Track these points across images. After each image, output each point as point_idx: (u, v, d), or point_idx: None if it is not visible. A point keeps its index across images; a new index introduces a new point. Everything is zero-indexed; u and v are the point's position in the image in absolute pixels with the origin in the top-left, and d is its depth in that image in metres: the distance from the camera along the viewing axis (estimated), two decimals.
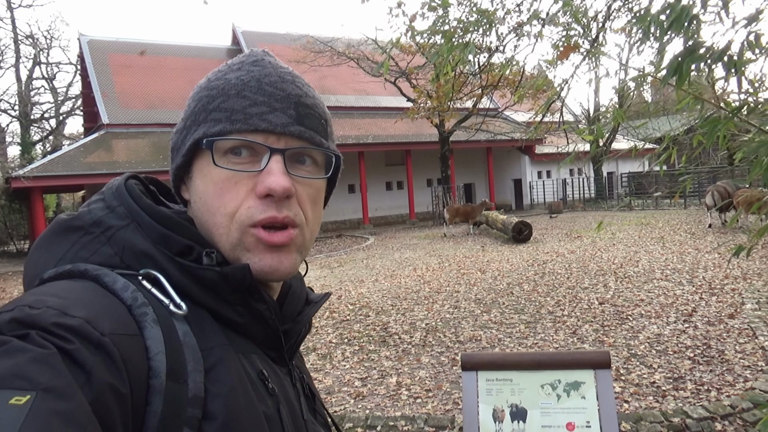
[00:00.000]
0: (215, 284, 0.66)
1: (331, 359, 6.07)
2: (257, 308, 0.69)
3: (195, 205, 0.72)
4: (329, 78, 27.95)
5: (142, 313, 0.59)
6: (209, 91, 0.71)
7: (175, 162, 0.74)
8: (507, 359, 1.30)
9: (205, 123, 0.70)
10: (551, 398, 1.25)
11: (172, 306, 0.62)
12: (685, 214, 18.91)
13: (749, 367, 4.76)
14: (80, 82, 30.33)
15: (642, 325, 6.28)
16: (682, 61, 1.95)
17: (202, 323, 0.65)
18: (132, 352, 0.55)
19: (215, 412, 0.59)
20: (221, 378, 0.61)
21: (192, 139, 0.70)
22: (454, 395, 4.76)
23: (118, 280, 0.61)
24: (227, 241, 0.69)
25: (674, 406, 4.16)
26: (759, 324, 5.86)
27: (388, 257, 14.54)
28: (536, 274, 9.98)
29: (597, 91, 30.09)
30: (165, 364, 0.57)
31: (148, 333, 0.58)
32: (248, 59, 0.74)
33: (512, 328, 6.65)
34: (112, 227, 0.67)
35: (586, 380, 1.25)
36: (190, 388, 0.58)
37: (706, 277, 8.47)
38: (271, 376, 0.70)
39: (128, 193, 0.70)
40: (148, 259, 0.65)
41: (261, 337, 0.72)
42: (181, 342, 0.60)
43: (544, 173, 31.87)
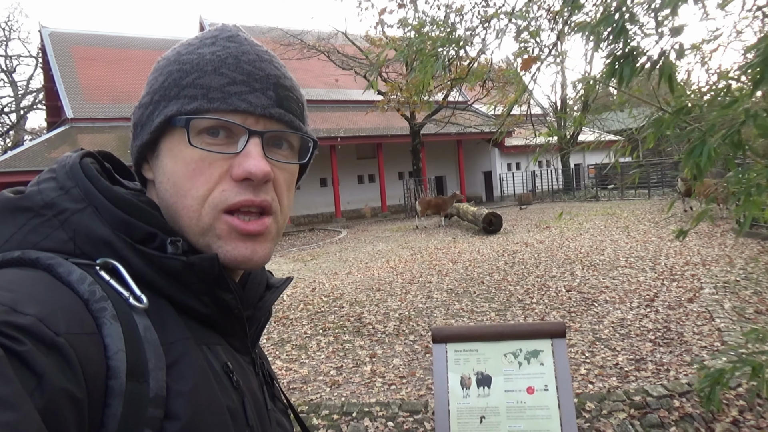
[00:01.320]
0: (179, 274, 0.62)
1: (306, 350, 6.16)
2: (223, 298, 0.66)
3: (162, 186, 0.67)
4: (299, 71, 27.76)
5: (100, 308, 0.54)
6: (181, 65, 0.66)
7: (139, 139, 0.68)
8: (473, 331, 1.42)
9: (178, 99, 0.65)
10: (513, 366, 1.38)
11: (132, 299, 0.57)
12: (648, 204, 19.46)
13: (706, 348, 5.01)
14: (42, 76, 29.55)
15: (607, 310, 6.53)
16: (620, 65, 2.12)
17: (163, 316, 0.61)
18: (89, 352, 0.51)
19: (178, 411, 0.56)
20: (184, 374, 0.58)
21: (163, 116, 0.65)
22: (427, 381, 4.90)
23: (73, 270, 0.56)
24: (196, 226, 0.65)
25: (636, 385, 4.37)
26: (716, 307, 6.14)
27: (361, 250, 14.65)
28: (506, 263, 10.21)
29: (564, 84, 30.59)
30: (125, 363, 0.53)
31: (107, 330, 0.54)
32: (222, 33, 0.70)
33: (483, 316, 6.83)
34: (67, 210, 0.61)
35: (544, 348, 1.37)
36: (151, 387, 0.54)
37: (668, 264, 8.80)
38: (235, 368, 0.68)
39: (84, 172, 0.65)
40: (106, 246, 0.61)
41: (225, 327, 0.69)
42: (141, 338, 0.56)
43: (514, 165, 32.34)
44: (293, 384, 5.14)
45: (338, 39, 23.89)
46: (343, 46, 23.77)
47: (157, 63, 0.70)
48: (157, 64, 0.70)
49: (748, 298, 6.46)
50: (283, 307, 8.34)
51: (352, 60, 23.53)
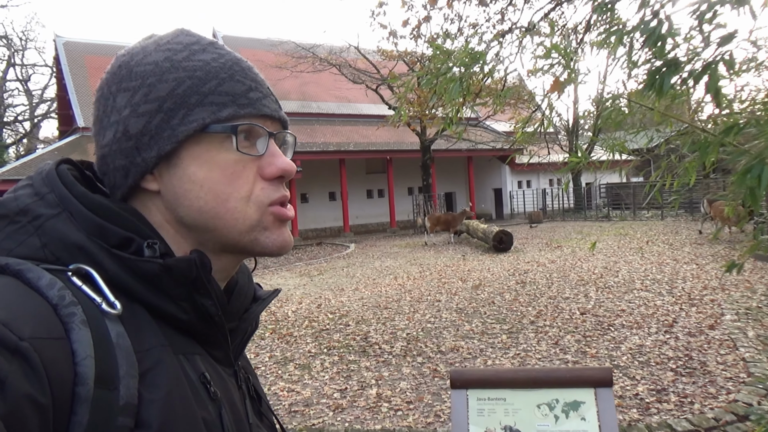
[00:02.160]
0: (157, 278, 0.61)
1: (309, 370, 5.92)
2: (203, 303, 0.64)
3: (190, 194, 0.65)
4: (311, 84, 27.85)
5: (69, 313, 0.53)
6: (190, 72, 0.66)
7: (154, 149, 0.64)
8: (500, 376, 1.20)
9: (203, 106, 0.65)
10: (548, 419, 1.15)
11: (105, 305, 0.56)
12: (662, 225, 19.11)
13: (731, 379, 4.73)
14: (56, 85, 29.76)
15: (624, 335, 6.25)
16: (661, 76, 1.91)
17: (138, 322, 0.59)
18: (55, 357, 0.50)
19: (149, 420, 0.54)
20: (157, 383, 0.57)
21: (196, 123, 0.64)
22: (435, 407, 4.65)
23: (43, 276, 0.55)
24: (243, 225, 0.66)
25: (658, 419, 4.11)
26: (739, 335, 5.86)
27: (369, 265, 14.42)
28: (517, 283, 9.95)
29: (576, 102, 30.41)
30: (93, 369, 0.52)
31: (75, 335, 0.52)
32: (200, 40, 0.70)
33: (494, 338, 6.57)
34: (41, 216, 0.60)
35: (586, 400, 1.15)
36: (121, 395, 0.53)
37: (686, 287, 8.51)
38: (213, 378, 0.66)
39: (60, 179, 0.63)
40: (80, 251, 0.59)
41: (205, 336, 0.67)
42: (113, 344, 0.54)
43: (524, 183, 32.08)
44: (295, 407, 4.91)
45: (350, 53, 23.87)
46: (355, 60, 23.74)
47: (143, 67, 0.66)
48: (144, 68, 0.66)
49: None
50: (288, 323, 8.12)
51: (363, 74, 23.50)
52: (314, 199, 28.03)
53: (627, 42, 2.14)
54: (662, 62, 1.85)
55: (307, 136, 24.98)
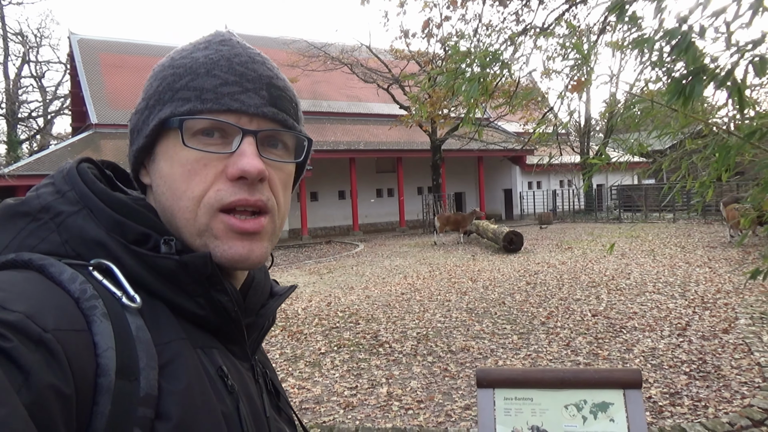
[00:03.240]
0: (174, 274, 0.62)
1: (320, 367, 5.93)
2: (219, 299, 0.65)
3: (158, 189, 0.67)
4: (322, 83, 27.87)
5: (90, 306, 0.54)
6: (175, 70, 0.67)
7: (135, 144, 0.69)
8: (527, 376, 1.19)
9: (172, 102, 0.66)
10: (576, 420, 1.14)
11: (125, 299, 0.57)
12: (674, 228, 18.97)
13: (746, 384, 4.68)
14: (69, 81, 29.97)
15: (636, 338, 6.21)
16: (687, 83, 1.89)
17: (157, 316, 0.60)
18: (78, 348, 0.51)
19: (169, 411, 0.55)
20: (177, 375, 0.58)
21: (157, 119, 0.66)
22: (446, 407, 4.64)
23: (65, 270, 0.56)
24: (193, 227, 0.65)
25: (672, 422, 4.07)
26: (753, 339, 5.80)
27: (378, 264, 14.41)
28: (528, 284, 9.90)
29: (588, 102, 30.25)
30: (114, 361, 0.53)
31: (97, 328, 0.53)
32: (215, 38, 0.70)
33: (505, 338, 6.54)
34: (62, 213, 0.62)
35: (615, 401, 1.14)
36: (142, 386, 0.54)
37: (699, 291, 8.43)
38: (231, 372, 0.66)
39: (80, 177, 0.65)
40: (100, 247, 0.60)
41: (222, 331, 0.68)
42: (133, 337, 0.56)
43: (535, 184, 31.94)
44: (305, 404, 4.91)
45: (362, 52, 23.86)
46: (366, 60, 23.73)
47: (153, 69, 0.70)
48: (152, 71, 0.70)
49: None
50: (298, 321, 8.13)
51: (374, 73, 23.48)
52: (324, 198, 28.05)
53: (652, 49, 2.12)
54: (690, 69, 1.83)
55: (318, 134, 25.01)
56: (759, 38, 1.73)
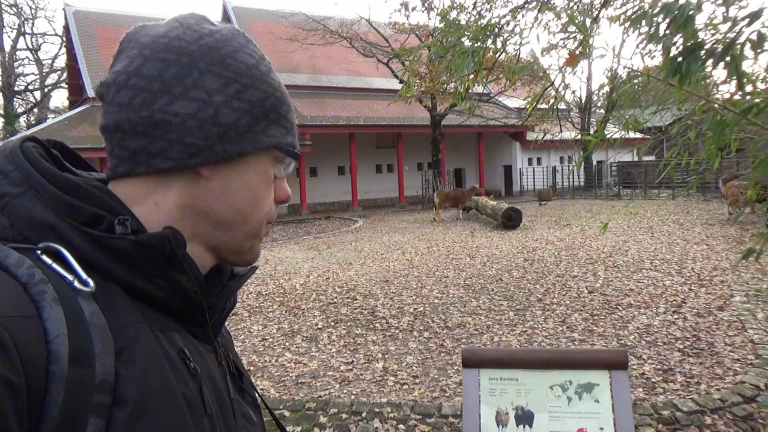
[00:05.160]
0: (130, 255, 0.60)
1: (316, 342, 5.97)
2: (178, 280, 0.63)
3: (238, 194, 0.68)
4: (321, 58, 27.56)
5: (39, 291, 0.52)
6: (274, 90, 0.70)
7: (236, 145, 0.66)
8: (513, 356, 1.18)
9: (278, 126, 0.70)
10: (561, 401, 1.14)
11: (77, 283, 0.55)
12: (673, 205, 18.96)
13: (739, 361, 4.72)
14: (65, 54, 29.63)
15: (631, 315, 6.24)
16: (683, 60, 1.84)
17: (112, 300, 0.58)
18: (27, 335, 0.49)
19: (126, 396, 0.54)
20: (134, 359, 0.56)
21: (274, 139, 0.69)
22: (441, 382, 4.68)
23: (10, 255, 0.54)
24: (253, 230, 0.72)
25: (664, 398, 4.11)
26: (748, 317, 5.83)
27: (377, 240, 14.44)
28: (525, 261, 9.93)
29: (589, 78, 29.97)
30: (67, 347, 0.51)
31: (47, 313, 0.51)
32: (267, 60, 0.73)
33: (501, 315, 6.58)
34: (6, 195, 0.58)
35: (600, 382, 1.13)
36: (97, 372, 0.52)
37: (695, 268, 8.46)
38: (193, 354, 0.65)
39: (24, 156, 0.61)
40: (49, 230, 0.57)
41: (182, 312, 0.66)
42: (87, 322, 0.54)
43: (535, 160, 31.82)
44: (302, 378, 4.96)
45: (361, 26, 23.55)
46: (366, 33, 23.42)
47: (228, 59, 0.66)
48: (233, 62, 0.66)
49: None
50: (296, 296, 8.17)
51: (374, 47, 23.20)
52: (323, 173, 27.97)
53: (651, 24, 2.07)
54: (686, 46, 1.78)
55: (317, 109, 24.81)
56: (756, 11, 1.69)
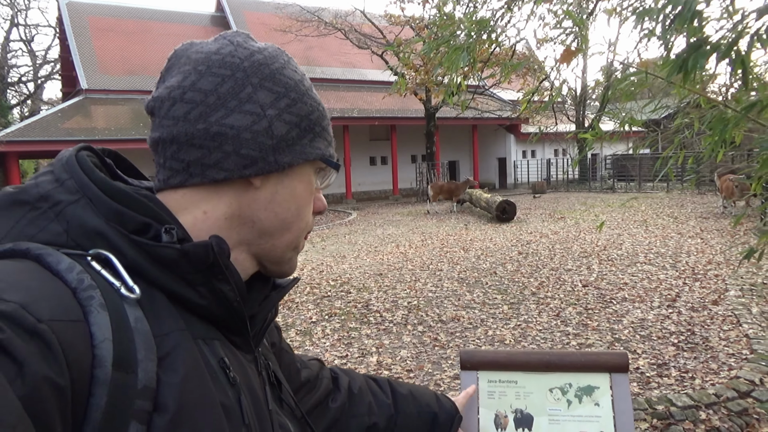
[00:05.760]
0: (175, 263, 0.61)
1: (310, 336, 5.94)
2: (221, 289, 0.64)
3: (285, 204, 0.71)
4: (315, 49, 27.43)
5: (87, 296, 0.54)
6: (317, 104, 0.73)
7: (287, 157, 0.69)
8: (512, 358, 1.15)
9: (321, 138, 0.73)
10: (561, 404, 1.11)
11: (124, 289, 0.56)
12: (667, 198, 19.00)
13: (733, 355, 4.72)
14: (59, 46, 29.34)
15: (626, 309, 6.24)
16: (687, 57, 1.81)
17: (157, 307, 0.60)
18: (73, 339, 0.50)
19: (166, 403, 0.55)
20: (175, 367, 0.57)
21: (319, 151, 0.72)
22: (435, 376, 4.66)
23: (62, 260, 0.55)
24: (295, 241, 0.74)
25: (658, 393, 4.10)
26: (743, 311, 5.83)
27: (371, 233, 14.41)
28: (520, 254, 9.92)
29: (584, 70, 29.93)
30: (111, 352, 0.52)
31: (94, 318, 0.53)
32: (307, 77, 0.76)
33: (495, 308, 6.57)
34: (61, 202, 0.60)
35: (601, 385, 1.10)
36: (140, 378, 0.53)
37: (690, 262, 8.47)
38: (233, 363, 0.66)
39: (79, 165, 0.63)
40: (99, 237, 0.59)
41: (224, 322, 0.67)
42: (131, 328, 0.55)
43: (529, 153, 31.84)
44: None
45: (356, 17, 23.41)
46: (361, 25, 23.29)
47: (278, 75, 0.70)
48: (283, 78, 0.70)
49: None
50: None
51: (369, 39, 23.08)
52: None
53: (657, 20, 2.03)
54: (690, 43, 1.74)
55: None
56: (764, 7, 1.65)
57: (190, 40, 0.72)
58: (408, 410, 1.06)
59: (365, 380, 1.07)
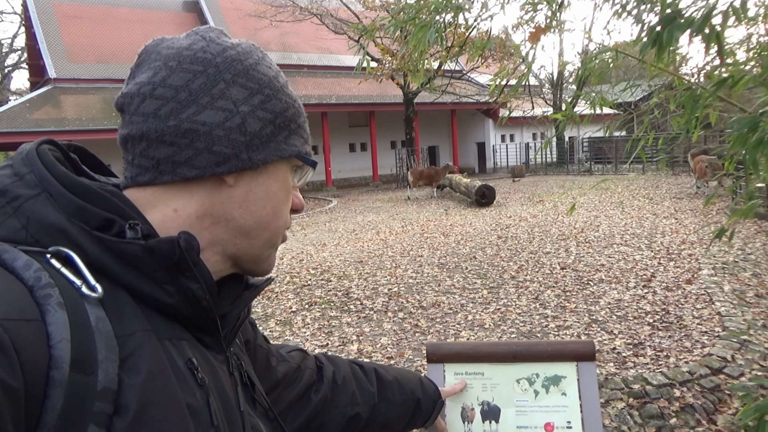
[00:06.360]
0: (139, 260, 0.59)
1: (291, 326, 5.92)
2: (189, 287, 0.62)
3: (259, 202, 0.70)
4: (291, 35, 27.07)
5: (45, 294, 0.52)
6: (292, 101, 0.72)
7: (261, 154, 0.68)
8: (478, 350, 1.14)
9: (297, 136, 0.72)
10: (528, 395, 1.11)
11: (85, 288, 0.54)
12: (643, 179, 19.26)
13: (706, 333, 4.82)
14: (25, 34, 28.53)
15: (602, 290, 6.32)
16: (662, 30, 1.80)
17: (120, 307, 0.58)
18: (28, 339, 0.48)
19: (128, 404, 0.53)
20: (138, 367, 0.55)
21: (295, 148, 0.71)
22: (416, 362, 4.68)
23: (19, 257, 0.54)
24: (272, 239, 0.73)
25: (634, 372, 4.17)
26: (715, 290, 5.95)
27: (351, 220, 14.38)
28: (499, 238, 9.98)
29: (561, 54, 30.06)
30: (69, 352, 0.50)
31: (51, 318, 0.51)
32: (282, 74, 0.75)
33: (475, 293, 6.61)
34: (20, 197, 0.58)
35: (568, 374, 1.10)
36: (99, 380, 0.51)
37: (664, 242, 8.60)
38: (202, 364, 0.64)
39: (40, 159, 0.61)
40: (60, 233, 0.57)
41: (193, 321, 0.65)
42: (92, 328, 0.53)
43: (508, 137, 31.94)
44: None
45: (331, 2, 23.14)
46: (337, 10, 23.05)
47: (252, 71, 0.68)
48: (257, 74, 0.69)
49: (747, 280, 6.27)
50: None
51: (345, 24, 22.85)
52: None
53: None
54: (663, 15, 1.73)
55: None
56: None
57: (161, 36, 0.70)
58: (392, 397, 1.06)
59: (350, 368, 1.07)
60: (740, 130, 1.52)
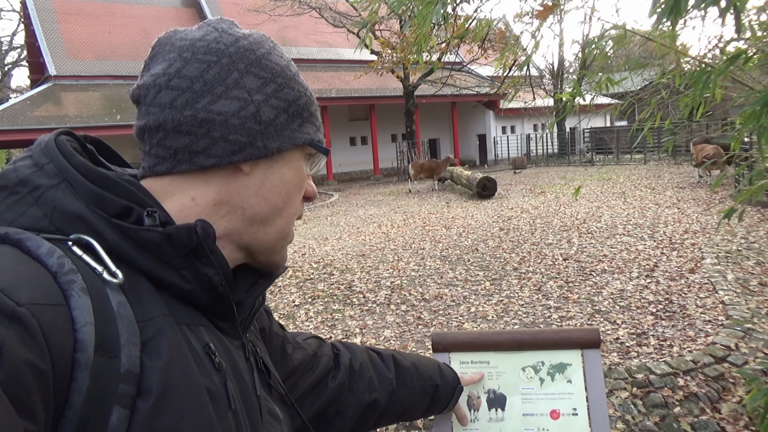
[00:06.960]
0: (158, 247, 0.61)
1: (294, 320, 5.93)
2: (205, 273, 0.64)
3: (275, 189, 0.71)
4: (290, 29, 26.99)
5: (68, 280, 0.53)
6: (304, 89, 0.73)
7: (276, 142, 0.69)
8: (483, 339, 1.14)
9: (309, 123, 0.73)
10: (533, 383, 1.11)
11: (106, 274, 0.56)
12: (645, 169, 19.20)
13: (710, 322, 4.81)
14: (24, 31, 28.47)
15: (605, 280, 6.32)
16: None
17: (140, 292, 0.59)
18: (54, 323, 0.50)
19: (150, 387, 0.55)
20: (159, 351, 0.57)
21: (308, 136, 0.72)
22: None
23: (42, 244, 0.55)
24: (285, 230, 0.74)
25: (638, 362, 4.18)
26: (719, 278, 5.94)
27: (353, 214, 14.38)
28: (501, 230, 9.97)
29: (561, 44, 29.93)
30: (93, 336, 0.52)
31: (75, 302, 0.52)
32: (293, 64, 0.76)
33: (478, 285, 6.61)
34: (40, 187, 0.60)
35: (573, 362, 1.10)
36: (122, 362, 0.53)
37: (667, 231, 8.59)
38: (219, 349, 0.66)
39: (59, 149, 0.63)
40: (80, 221, 0.59)
41: (210, 307, 0.67)
42: (114, 312, 0.55)
43: (509, 129, 31.87)
44: None
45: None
46: (335, 3, 22.95)
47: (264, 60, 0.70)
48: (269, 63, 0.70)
49: (751, 269, 6.26)
50: None
51: (344, 17, 22.78)
52: None
53: None
54: None
55: None
56: None
57: (173, 28, 0.72)
58: (410, 383, 1.07)
59: (367, 355, 1.07)
60: (753, 107, 1.50)
